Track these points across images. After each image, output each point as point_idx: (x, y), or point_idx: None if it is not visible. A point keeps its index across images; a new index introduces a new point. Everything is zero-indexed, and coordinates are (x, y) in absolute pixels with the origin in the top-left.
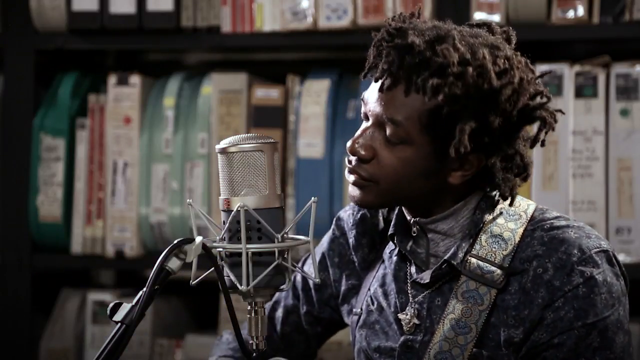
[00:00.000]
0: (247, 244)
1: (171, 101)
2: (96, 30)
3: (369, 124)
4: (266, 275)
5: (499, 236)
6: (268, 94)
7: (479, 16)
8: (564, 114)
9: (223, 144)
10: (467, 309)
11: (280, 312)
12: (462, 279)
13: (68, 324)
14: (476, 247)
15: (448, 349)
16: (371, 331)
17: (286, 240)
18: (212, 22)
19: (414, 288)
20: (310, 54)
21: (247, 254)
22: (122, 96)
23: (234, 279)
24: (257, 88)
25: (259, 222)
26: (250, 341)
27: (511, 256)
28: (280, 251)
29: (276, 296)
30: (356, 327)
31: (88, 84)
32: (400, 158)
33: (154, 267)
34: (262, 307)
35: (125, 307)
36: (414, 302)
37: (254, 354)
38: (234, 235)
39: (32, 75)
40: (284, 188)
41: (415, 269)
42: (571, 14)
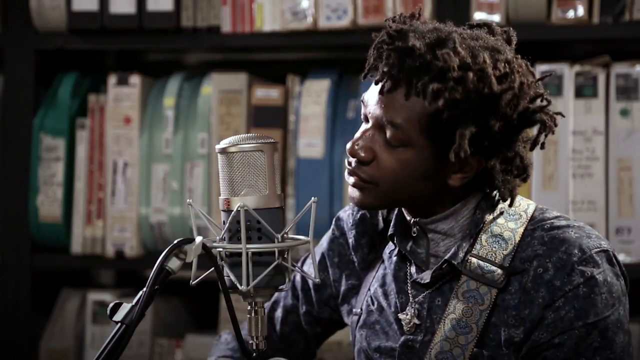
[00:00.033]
0: (247, 244)
1: (171, 101)
2: (96, 30)
3: (368, 125)
4: (266, 275)
5: (499, 236)
6: (268, 94)
7: (479, 16)
8: (563, 117)
9: (223, 144)
10: (467, 308)
11: (280, 312)
12: (462, 278)
13: (68, 324)
14: (476, 246)
15: (449, 348)
16: (371, 331)
17: (286, 240)
18: (212, 22)
19: (414, 288)
20: (310, 54)
21: (247, 254)
22: (122, 96)
23: (234, 279)
24: (257, 88)
25: (259, 222)
26: (250, 341)
27: (511, 256)
28: (280, 251)
29: (275, 296)
30: (356, 327)
31: (88, 84)
32: (400, 160)
33: (154, 267)
34: (262, 307)
35: (125, 307)
36: (414, 302)
37: (253, 354)
38: (234, 235)
39: (32, 75)
40: (284, 188)
41: (415, 269)
42: (571, 14)
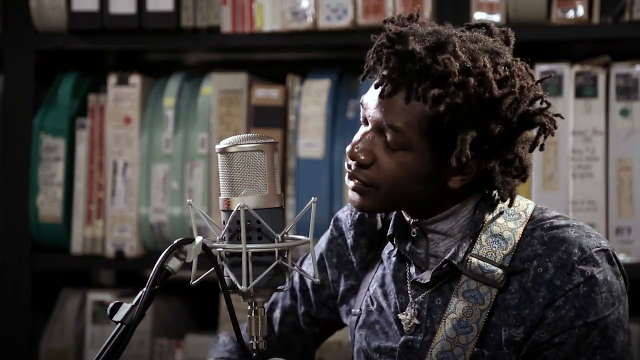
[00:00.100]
0: (247, 244)
1: (171, 101)
2: (96, 30)
3: (368, 128)
4: (266, 275)
5: (499, 236)
6: (268, 94)
7: (479, 16)
8: (563, 119)
9: (223, 144)
10: (468, 308)
11: (278, 312)
12: (462, 278)
13: (68, 324)
14: (476, 246)
15: (450, 348)
16: (371, 331)
17: (286, 240)
18: (212, 22)
19: (414, 288)
20: (310, 54)
21: (247, 254)
22: (122, 96)
23: (234, 279)
24: (257, 88)
25: (259, 222)
26: (250, 341)
27: (511, 255)
28: (280, 251)
29: (274, 297)
30: (355, 327)
31: (88, 84)
32: (400, 163)
33: (154, 267)
34: (262, 307)
35: (125, 307)
36: (414, 302)
37: (253, 354)
38: (234, 235)
39: (32, 75)
40: (284, 188)
41: (414, 269)
42: (571, 14)
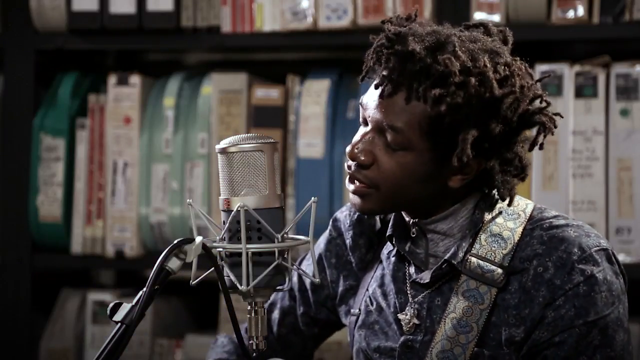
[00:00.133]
0: (247, 244)
1: (171, 101)
2: (96, 30)
3: (368, 129)
4: (266, 275)
5: (499, 235)
6: (268, 94)
7: (479, 16)
8: (562, 118)
9: (223, 144)
10: (468, 308)
11: (277, 313)
12: (462, 278)
13: (68, 324)
14: (476, 246)
15: (450, 347)
16: (370, 331)
17: (286, 240)
18: (212, 22)
19: (414, 288)
20: (310, 54)
21: (247, 254)
22: (122, 96)
23: (234, 279)
24: (257, 88)
25: (259, 222)
26: (250, 341)
27: (511, 255)
28: (280, 251)
29: (272, 297)
30: (355, 327)
31: (88, 84)
32: (401, 163)
33: (154, 267)
34: (262, 307)
35: (125, 307)
36: (413, 302)
37: (253, 354)
38: (234, 235)
39: (32, 75)
40: (284, 188)
41: (414, 269)
42: (571, 14)
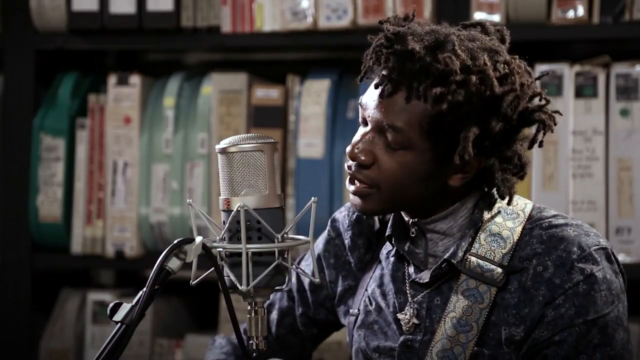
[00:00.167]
0: (247, 244)
1: (171, 101)
2: (96, 30)
3: (368, 129)
4: (266, 275)
5: (498, 235)
6: (268, 94)
7: (479, 16)
8: (561, 115)
9: (223, 144)
10: (467, 307)
11: (275, 314)
12: (462, 277)
13: (68, 324)
14: (475, 245)
15: (450, 347)
16: (370, 331)
17: (286, 240)
18: (212, 22)
19: (413, 288)
20: (310, 54)
21: (247, 254)
22: (122, 96)
23: (234, 279)
24: (257, 88)
25: (259, 222)
26: (250, 341)
27: (510, 254)
28: (280, 251)
29: (270, 298)
30: (354, 327)
31: (88, 84)
32: (401, 163)
33: (154, 267)
34: (262, 307)
35: (125, 307)
36: (413, 302)
37: (253, 354)
38: (234, 235)
39: (32, 75)
40: (284, 188)
41: (413, 269)
42: (571, 14)
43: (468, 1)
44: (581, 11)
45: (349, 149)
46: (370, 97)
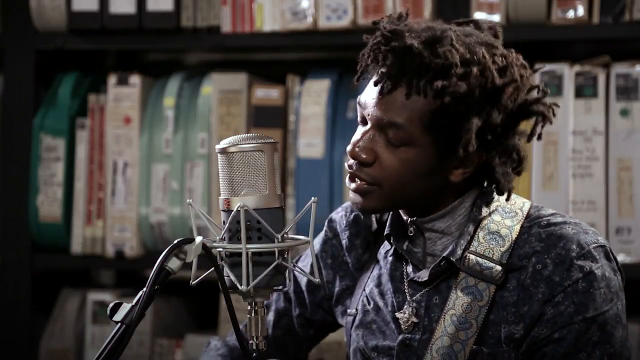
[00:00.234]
0: (247, 244)
1: (171, 101)
2: (96, 30)
3: (368, 127)
4: (266, 275)
5: (496, 233)
6: (268, 94)
7: (478, 16)
8: (559, 107)
9: (223, 144)
10: (467, 304)
11: (272, 315)
12: (461, 275)
13: (68, 324)
14: (474, 243)
15: (449, 344)
16: (368, 331)
17: (286, 240)
18: (212, 22)
19: (412, 287)
20: (310, 54)
21: (247, 254)
22: (122, 96)
23: (234, 279)
24: (257, 88)
25: (259, 222)
26: (250, 341)
27: (509, 253)
28: (280, 251)
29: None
30: (351, 327)
31: (88, 84)
32: (403, 160)
33: (154, 267)
34: (262, 307)
35: (125, 307)
36: (411, 300)
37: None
38: (234, 235)
39: (32, 75)
40: (284, 188)
41: (411, 268)
42: (571, 14)
43: (468, 1)
44: (581, 11)
45: (349, 147)
46: (369, 96)
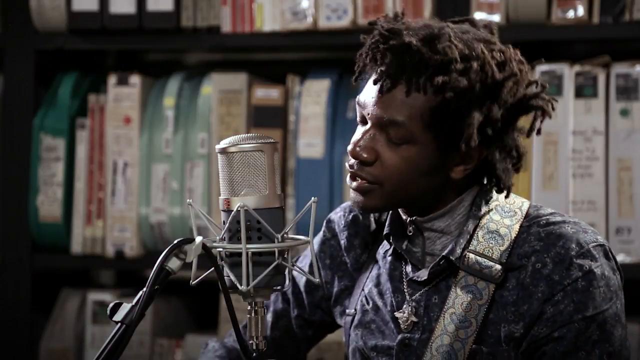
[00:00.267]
0: (247, 244)
1: (171, 101)
2: (96, 30)
3: (368, 126)
4: (266, 275)
5: (496, 232)
6: (268, 94)
7: (479, 16)
8: (556, 101)
9: (223, 144)
10: (467, 303)
11: (270, 316)
12: (460, 274)
13: (68, 324)
14: (473, 242)
15: (449, 342)
16: (367, 330)
17: (286, 240)
18: (212, 22)
19: (411, 286)
20: (310, 54)
21: (247, 254)
22: (122, 96)
23: (234, 279)
24: (257, 88)
25: (259, 222)
26: (250, 341)
27: (508, 252)
28: (280, 251)
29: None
30: (350, 327)
31: (88, 84)
32: (405, 158)
33: (154, 267)
34: (262, 307)
35: (125, 307)
36: (410, 300)
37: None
38: (234, 235)
39: (32, 75)
40: (284, 188)
41: (411, 267)
42: (571, 14)
43: (468, 1)
44: (581, 11)
45: (350, 147)
46: (368, 95)
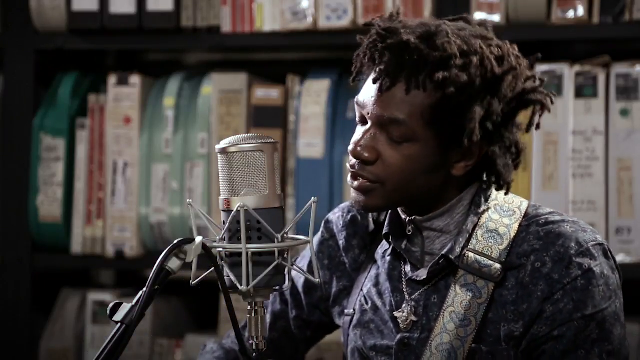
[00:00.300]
0: (247, 244)
1: (171, 101)
2: (96, 30)
3: (368, 126)
4: (266, 275)
5: (495, 231)
6: (268, 94)
7: (479, 16)
8: (555, 95)
9: (223, 144)
10: (466, 301)
11: (268, 317)
12: (459, 273)
13: (68, 324)
14: (473, 241)
15: (449, 340)
16: (366, 330)
17: (286, 240)
18: (212, 22)
19: (410, 286)
20: (310, 54)
21: (247, 254)
22: (122, 96)
23: (234, 279)
24: (257, 88)
25: (259, 222)
26: (250, 341)
27: (507, 251)
28: (280, 251)
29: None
30: (349, 327)
31: (88, 84)
32: (406, 156)
33: (154, 267)
34: (262, 307)
35: (125, 307)
36: (410, 299)
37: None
38: (234, 235)
39: (32, 75)
40: (284, 188)
41: (410, 267)
42: (571, 14)
43: (468, 1)
44: (581, 11)
45: (351, 147)
46: (368, 94)
